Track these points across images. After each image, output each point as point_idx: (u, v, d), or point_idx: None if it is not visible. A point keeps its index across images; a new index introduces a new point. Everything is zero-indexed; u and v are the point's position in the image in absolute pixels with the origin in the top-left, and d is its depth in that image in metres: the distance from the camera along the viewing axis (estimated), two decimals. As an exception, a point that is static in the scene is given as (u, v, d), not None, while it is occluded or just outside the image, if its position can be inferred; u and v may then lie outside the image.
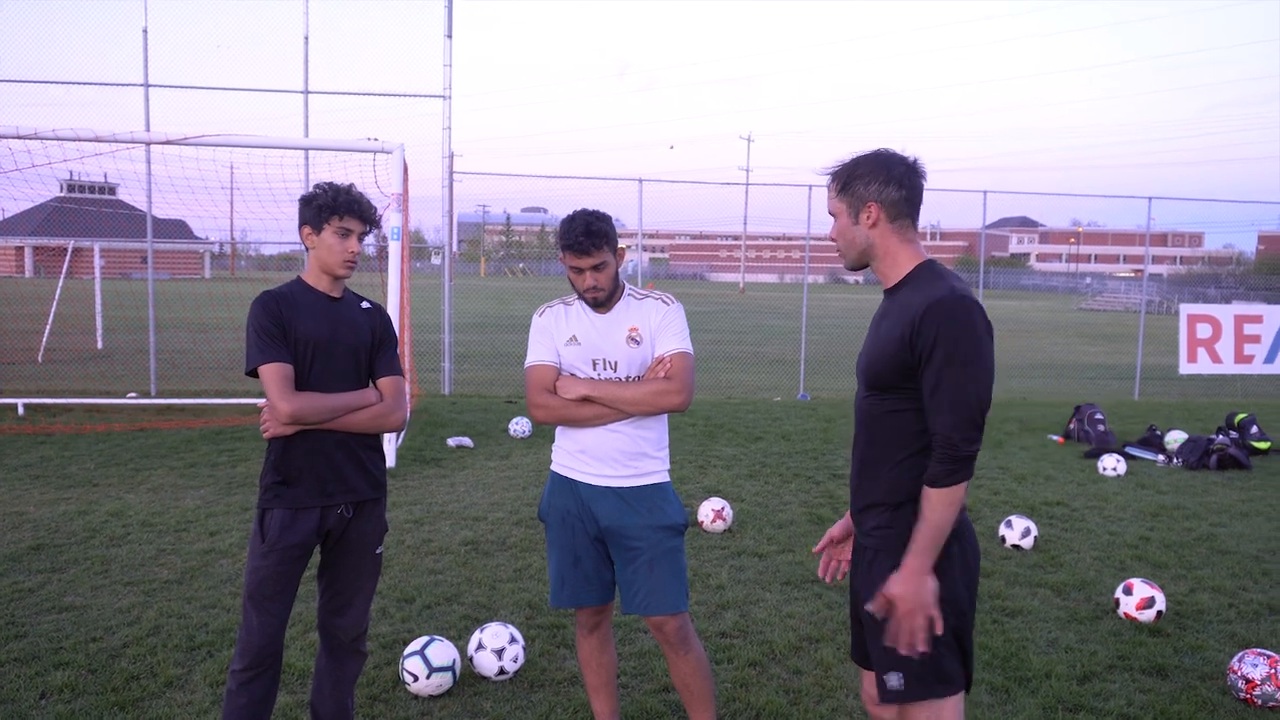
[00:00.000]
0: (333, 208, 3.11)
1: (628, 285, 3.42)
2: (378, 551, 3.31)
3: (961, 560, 2.57)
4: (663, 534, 3.31)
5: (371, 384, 3.27)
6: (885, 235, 2.57)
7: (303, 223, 3.17)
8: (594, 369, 3.32)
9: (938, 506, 2.42)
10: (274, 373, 3.02)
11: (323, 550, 3.25)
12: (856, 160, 2.60)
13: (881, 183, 2.53)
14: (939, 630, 2.44)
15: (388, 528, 3.39)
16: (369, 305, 3.33)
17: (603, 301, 3.32)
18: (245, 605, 3.13)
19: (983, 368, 2.41)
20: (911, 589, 2.42)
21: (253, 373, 3.09)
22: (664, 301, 3.39)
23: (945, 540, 2.44)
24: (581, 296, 3.34)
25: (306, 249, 3.20)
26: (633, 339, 3.32)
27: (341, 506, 3.17)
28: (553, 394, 3.31)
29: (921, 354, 2.41)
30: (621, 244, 3.38)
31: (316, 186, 3.19)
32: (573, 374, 3.33)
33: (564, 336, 3.35)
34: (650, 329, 3.33)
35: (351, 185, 3.20)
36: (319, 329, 3.12)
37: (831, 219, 2.66)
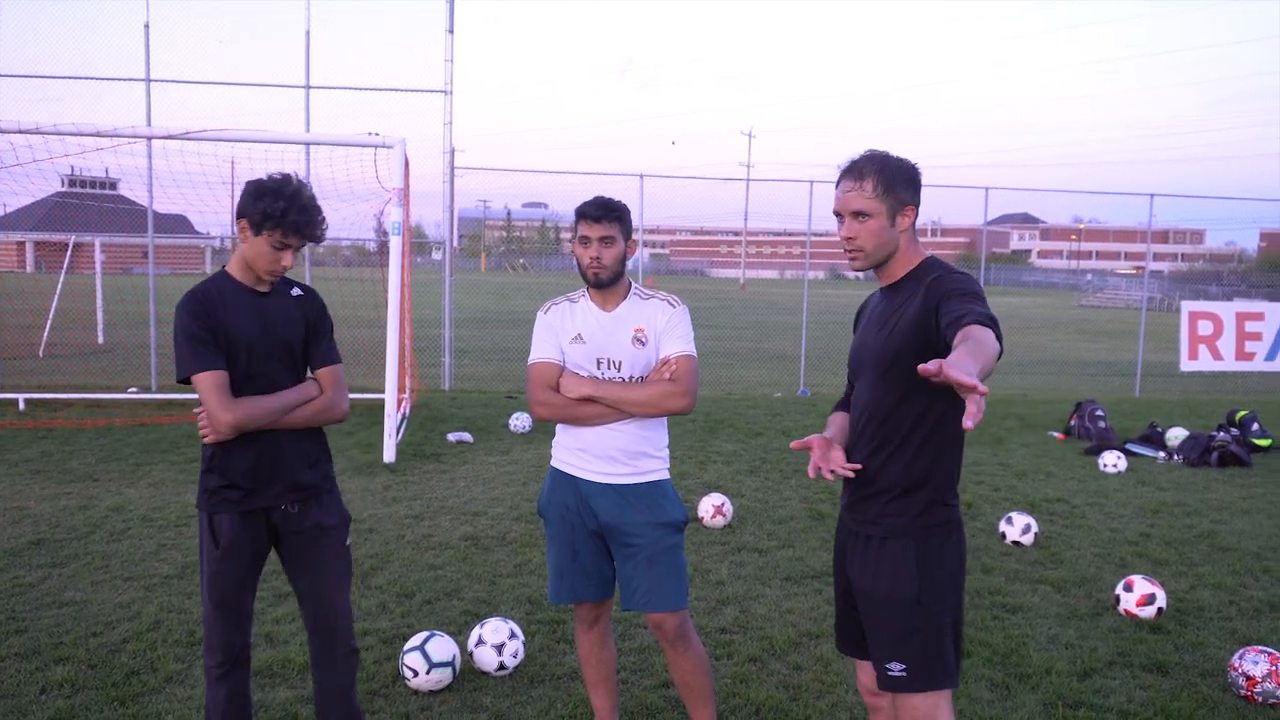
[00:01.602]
0: (278, 221, 2.94)
1: (634, 284, 3.41)
2: (346, 543, 3.23)
3: (957, 551, 2.62)
4: (662, 531, 3.31)
5: (310, 375, 3.16)
6: (908, 237, 2.63)
7: (241, 214, 2.99)
8: (598, 368, 3.31)
9: (984, 335, 2.15)
10: (209, 381, 2.91)
11: (285, 557, 3.16)
12: (892, 161, 2.59)
13: (915, 188, 2.60)
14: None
15: (350, 517, 3.29)
16: (300, 292, 3.18)
17: (605, 281, 3.29)
18: (208, 610, 3.07)
19: (985, 306, 2.35)
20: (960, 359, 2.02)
21: (185, 380, 2.96)
22: (670, 303, 3.37)
23: (988, 371, 2.07)
24: (582, 276, 3.32)
25: (238, 239, 3.05)
26: (638, 339, 3.31)
27: (286, 504, 3.09)
28: (555, 392, 3.30)
29: (940, 306, 2.38)
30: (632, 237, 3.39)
31: (268, 181, 2.98)
32: (576, 372, 3.32)
33: (569, 334, 3.34)
34: (656, 330, 3.33)
35: (304, 190, 3.00)
36: (249, 327, 3.00)
37: (851, 217, 2.59)
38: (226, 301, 3.02)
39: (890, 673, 2.57)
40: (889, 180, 2.56)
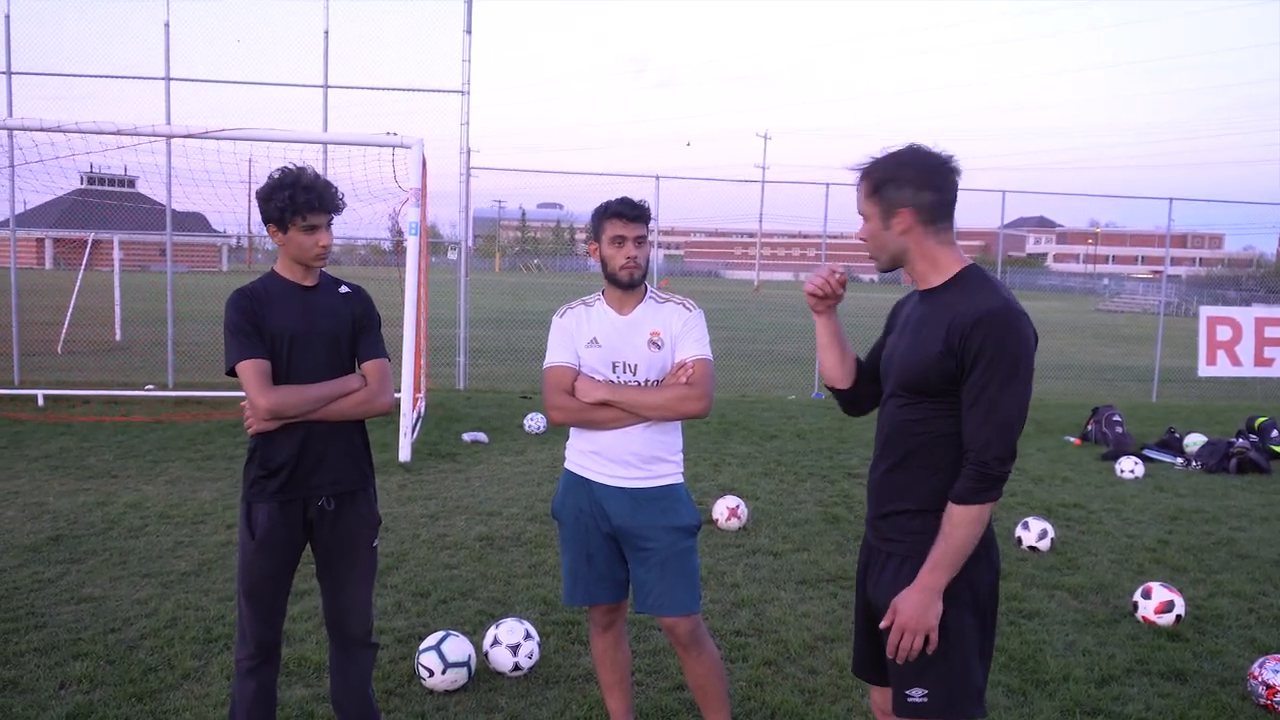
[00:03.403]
0: (294, 209, 3.04)
1: (649, 288, 3.40)
2: (373, 545, 3.27)
3: (988, 573, 2.47)
4: (675, 535, 3.30)
5: (357, 368, 3.22)
6: (920, 240, 2.44)
7: (266, 220, 3.10)
8: (613, 371, 3.30)
9: (961, 525, 2.33)
10: (251, 369, 3.01)
11: (315, 551, 3.21)
12: (889, 160, 2.45)
13: (915, 187, 2.40)
14: (930, 650, 2.37)
15: (380, 520, 3.33)
16: (348, 289, 3.26)
17: (638, 281, 3.31)
18: (240, 600, 3.13)
19: (1026, 388, 2.33)
20: (921, 606, 2.35)
21: (231, 372, 3.07)
22: (686, 307, 3.37)
23: (965, 560, 2.35)
24: (613, 278, 3.30)
25: (275, 244, 3.15)
26: (654, 343, 3.31)
27: (324, 498, 3.13)
28: (571, 395, 3.30)
29: (966, 363, 2.32)
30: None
31: (271, 181, 3.08)
32: (591, 376, 3.32)
33: (585, 338, 3.34)
34: (672, 334, 3.32)
35: (308, 171, 3.10)
36: (294, 321, 3.09)
37: (862, 219, 2.53)
38: (272, 298, 3.12)
39: (910, 699, 2.41)
40: (877, 181, 2.44)
